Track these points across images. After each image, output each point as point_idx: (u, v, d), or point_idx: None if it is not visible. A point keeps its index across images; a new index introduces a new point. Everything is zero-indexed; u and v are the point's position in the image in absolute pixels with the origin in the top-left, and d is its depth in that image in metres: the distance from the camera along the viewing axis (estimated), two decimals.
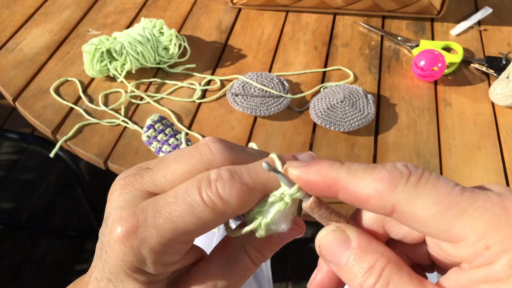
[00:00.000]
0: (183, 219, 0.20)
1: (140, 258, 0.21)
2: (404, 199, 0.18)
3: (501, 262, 0.17)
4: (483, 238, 0.17)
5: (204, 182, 0.21)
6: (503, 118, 0.67)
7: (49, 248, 1.36)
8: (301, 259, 1.35)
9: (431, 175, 0.19)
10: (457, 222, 0.18)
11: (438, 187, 0.18)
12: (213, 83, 0.71)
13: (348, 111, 0.63)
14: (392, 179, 0.18)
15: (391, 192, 0.18)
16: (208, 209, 0.20)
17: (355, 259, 0.19)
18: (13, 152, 1.59)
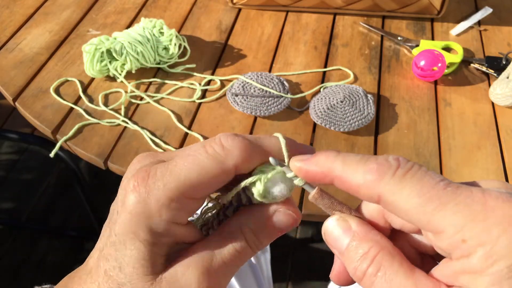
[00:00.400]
0: (186, 167, 0.22)
1: (147, 209, 0.22)
2: (389, 190, 0.20)
3: (477, 255, 0.18)
4: (460, 232, 0.18)
5: (210, 140, 0.23)
6: (503, 118, 0.67)
7: (49, 248, 1.36)
8: (301, 259, 1.35)
9: (420, 170, 0.20)
10: (436, 215, 0.19)
11: (423, 181, 0.19)
12: (213, 83, 0.71)
13: (348, 111, 0.63)
14: (380, 171, 0.20)
15: (377, 183, 0.20)
16: (210, 157, 0.22)
17: (353, 246, 0.21)
18: (13, 152, 1.59)
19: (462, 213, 0.18)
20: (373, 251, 0.21)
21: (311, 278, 1.31)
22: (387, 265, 0.20)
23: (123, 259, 0.22)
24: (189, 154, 0.23)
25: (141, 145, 0.62)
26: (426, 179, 0.19)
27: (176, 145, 0.62)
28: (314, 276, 1.31)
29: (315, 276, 1.31)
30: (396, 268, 0.20)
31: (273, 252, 0.86)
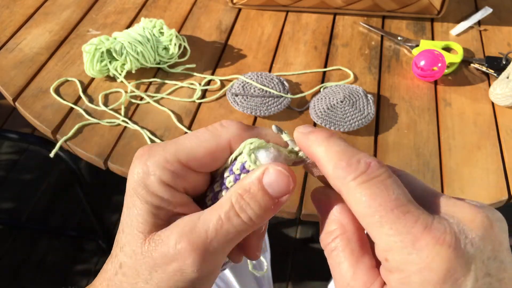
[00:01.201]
0: (185, 138, 0.24)
1: (146, 170, 0.24)
2: (346, 191, 0.21)
3: (394, 276, 0.20)
4: (387, 251, 0.20)
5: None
6: (503, 118, 0.67)
7: (49, 248, 1.36)
8: (301, 259, 1.35)
9: (383, 181, 0.21)
10: (373, 229, 0.20)
11: (378, 194, 0.20)
12: (213, 83, 0.71)
13: (348, 111, 0.63)
14: (345, 170, 0.21)
15: (340, 180, 0.21)
16: (208, 131, 0.25)
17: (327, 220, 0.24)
18: (13, 152, 1.59)
19: (394, 238, 0.20)
20: (336, 233, 0.23)
21: (311, 278, 1.31)
22: (341, 249, 0.23)
23: (125, 220, 0.24)
24: (193, 132, 0.25)
25: (141, 145, 0.62)
26: (382, 193, 0.20)
27: None
28: (314, 276, 1.31)
29: (315, 276, 1.31)
30: (347, 254, 0.22)
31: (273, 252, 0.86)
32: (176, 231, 0.23)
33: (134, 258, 0.23)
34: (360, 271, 0.22)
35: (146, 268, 0.23)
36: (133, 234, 0.24)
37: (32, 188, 1.49)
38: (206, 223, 0.23)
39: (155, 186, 0.23)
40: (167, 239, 0.23)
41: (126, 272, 0.24)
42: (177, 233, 0.23)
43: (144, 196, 0.23)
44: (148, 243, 0.23)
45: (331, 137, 0.23)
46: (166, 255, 0.23)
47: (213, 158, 0.24)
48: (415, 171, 0.60)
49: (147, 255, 0.23)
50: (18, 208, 1.45)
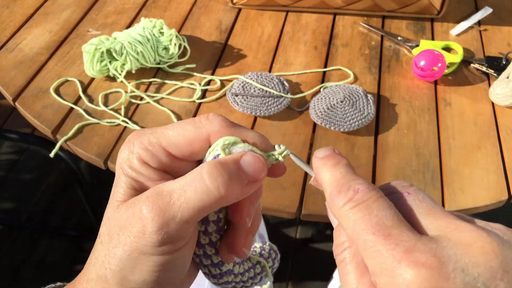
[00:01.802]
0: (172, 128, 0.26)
1: (131, 150, 0.26)
2: (338, 216, 0.23)
3: None
4: (374, 275, 0.21)
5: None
6: (503, 118, 0.67)
7: (49, 248, 1.36)
8: (301, 259, 1.35)
9: (368, 206, 0.21)
10: (362, 252, 0.21)
11: (363, 219, 0.21)
12: (213, 83, 0.71)
13: (348, 111, 0.63)
14: (337, 198, 0.23)
15: (333, 207, 0.23)
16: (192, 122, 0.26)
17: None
18: (13, 152, 1.59)
19: (377, 261, 0.20)
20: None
21: (311, 278, 1.31)
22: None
23: (112, 194, 0.26)
24: (182, 121, 0.26)
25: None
26: (365, 217, 0.21)
27: None
28: (314, 276, 1.31)
29: (315, 276, 1.31)
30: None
31: None
32: (145, 195, 0.24)
33: (108, 224, 0.25)
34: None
35: (116, 231, 0.24)
36: (112, 203, 0.25)
37: (32, 188, 1.49)
38: (172, 188, 0.23)
39: (135, 163, 0.25)
40: (136, 202, 0.24)
41: (103, 240, 0.25)
42: (145, 196, 0.24)
43: (126, 171, 0.26)
44: (119, 208, 0.25)
45: (337, 165, 0.24)
46: (132, 216, 0.23)
47: (192, 149, 0.26)
48: (415, 171, 0.60)
49: (117, 218, 0.24)
50: (18, 208, 1.45)
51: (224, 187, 0.23)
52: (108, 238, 0.24)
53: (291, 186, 0.57)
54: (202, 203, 0.23)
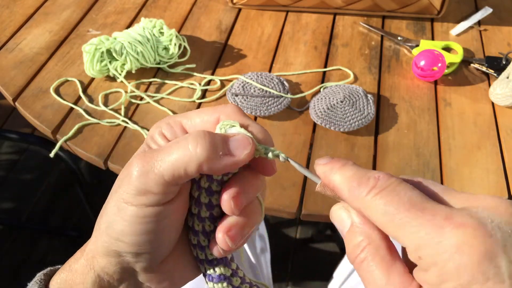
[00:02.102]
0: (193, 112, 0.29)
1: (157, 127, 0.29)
2: (364, 206, 0.23)
3: (431, 272, 0.20)
4: (418, 250, 0.21)
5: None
6: (503, 118, 0.67)
7: (49, 248, 1.36)
8: (301, 259, 1.35)
9: (394, 189, 0.22)
10: (398, 233, 0.21)
11: (391, 201, 0.22)
12: (213, 83, 0.71)
13: (348, 111, 0.63)
14: (358, 189, 0.23)
15: (356, 199, 0.23)
16: (213, 107, 0.28)
17: (348, 236, 0.25)
18: (13, 152, 1.59)
19: (420, 234, 0.20)
20: (363, 243, 0.24)
21: (311, 278, 1.31)
22: (370, 258, 0.23)
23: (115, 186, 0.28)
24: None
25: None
26: (395, 198, 0.22)
27: None
28: (314, 276, 1.31)
29: (315, 276, 1.31)
30: (377, 261, 0.23)
31: (273, 252, 0.86)
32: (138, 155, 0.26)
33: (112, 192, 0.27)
34: (394, 276, 0.22)
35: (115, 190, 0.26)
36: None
37: (32, 188, 1.49)
38: (161, 147, 0.26)
39: (155, 136, 0.28)
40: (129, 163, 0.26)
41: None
42: (135, 156, 0.26)
43: (147, 141, 0.29)
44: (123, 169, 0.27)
45: (345, 165, 0.25)
46: (125, 168, 0.26)
47: (204, 127, 0.27)
48: (415, 171, 0.60)
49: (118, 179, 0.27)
50: (18, 208, 1.45)
51: (202, 149, 0.24)
52: (109, 196, 0.27)
53: (291, 186, 0.57)
54: (179, 161, 0.24)
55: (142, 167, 0.25)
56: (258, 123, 0.28)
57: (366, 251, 0.23)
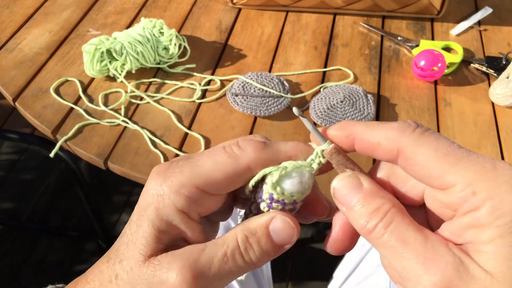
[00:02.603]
0: (204, 162, 0.24)
1: (161, 193, 0.23)
2: (408, 143, 0.22)
3: (485, 208, 0.19)
4: (471, 185, 0.19)
5: (230, 141, 0.25)
6: (503, 118, 0.67)
7: (49, 248, 1.36)
8: (301, 259, 1.35)
9: (436, 132, 0.22)
10: (450, 169, 0.20)
11: (440, 140, 0.21)
12: (213, 83, 0.71)
13: (348, 111, 0.63)
14: (401, 128, 0.22)
15: (398, 138, 0.22)
16: (226, 154, 0.24)
17: (363, 201, 0.22)
18: (13, 152, 1.59)
19: (475, 168, 0.20)
20: (386, 207, 0.22)
21: (311, 278, 1.31)
22: (399, 219, 0.21)
23: (130, 237, 0.24)
24: (209, 152, 0.24)
25: (141, 145, 0.62)
26: (442, 139, 0.21)
27: (176, 145, 0.62)
28: (314, 276, 1.31)
29: (315, 276, 1.31)
30: (407, 223, 0.21)
31: None
32: (179, 261, 0.23)
33: (131, 275, 0.24)
34: (431, 234, 0.21)
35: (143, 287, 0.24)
36: (134, 253, 0.24)
37: (32, 188, 1.49)
38: (210, 258, 0.23)
39: (167, 211, 0.24)
40: (167, 266, 0.23)
41: (120, 284, 0.24)
42: (180, 263, 0.23)
43: (153, 219, 0.24)
44: (147, 266, 0.24)
45: (364, 122, 0.24)
46: (164, 282, 0.23)
47: (231, 182, 0.24)
48: None
49: (144, 278, 0.23)
50: (18, 208, 1.45)
51: (258, 262, 0.24)
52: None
53: None
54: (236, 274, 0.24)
55: None
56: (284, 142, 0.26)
57: (391, 214, 0.21)
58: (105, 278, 0.25)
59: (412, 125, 0.22)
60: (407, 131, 0.22)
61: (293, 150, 0.25)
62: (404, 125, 0.22)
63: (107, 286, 0.25)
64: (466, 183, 0.20)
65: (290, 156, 0.25)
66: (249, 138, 0.25)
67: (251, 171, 0.24)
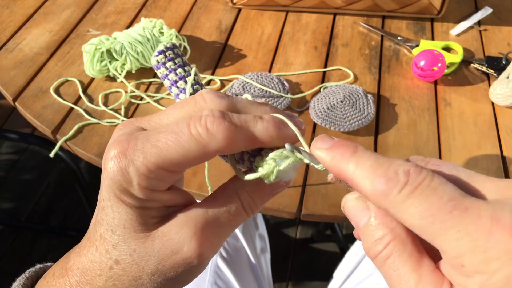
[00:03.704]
0: (168, 146, 0.22)
1: (127, 178, 0.22)
2: (394, 207, 0.20)
3: (474, 280, 0.18)
4: (460, 257, 0.18)
5: (195, 118, 0.22)
6: (503, 118, 0.67)
7: (49, 248, 1.36)
8: (301, 259, 1.35)
9: (429, 185, 0.19)
10: (438, 238, 0.19)
11: (429, 201, 0.19)
12: (213, 83, 0.71)
13: (348, 111, 0.63)
14: (387, 186, 0.20)
15: (384, 197, 0.20)
16: (193, 139, 0.22)
17: (371, 227, 0.22)
18: (13, 152, 1.59)
19: (464, 240, 0.18)
20: (387, 238, 0.21)
21: (311, 278, 1.31)
22: (397, 254, 0.21)
23: (113, 222, 0.24)
24: (172, 131, 0.22)
25: None
26: (433, 198, 0.19)
27: None
28: (314, 276, 1.31)
29: (315, 276, 1.31)
30: (405, 258, 0.20)
31: (273, 252, 0.86)
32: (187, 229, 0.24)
33: (136, 256, 0.24)
34: (426, 274, 0.20)
35: (153, 263, 0.24)
36: (130, 234, 0.24)
37: (32, 188, 1.49)
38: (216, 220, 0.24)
39: (141, 194, 0.23)
40: (176, 235, 0.24)
41: (126, 268, 0.24)
42: (189, 230, 0.23)
43: (130, 202, 0.23)
44: (152, 241, 0.24)
45: (357, 151, 0.21)
46: (178, 251, 0.23)
47: (198, 163, 0.24)
48: None
49: (152, 253, 0.24)
50: (18, 208, 1.45)
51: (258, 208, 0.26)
52: (139, 268, 0.24)
53: (291, 186, 0.57)
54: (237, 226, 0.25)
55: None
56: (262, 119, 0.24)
57: (390, 247, 0.21)
58: (104, 268, 0.24)
59: (401, 182, 0.20)
60: (393, 191, 0.20)
61: (267, 137, 0.24)
62: (391, 182, 0.20)
63: (109, 274, 0.24)
64: (455, 255, 0.19)
65: (263, 143, 0.24)
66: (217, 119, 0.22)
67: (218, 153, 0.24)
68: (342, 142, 0.22)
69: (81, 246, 0.26)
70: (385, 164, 0.20)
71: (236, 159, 0.26)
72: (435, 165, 0.22)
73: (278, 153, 0.24)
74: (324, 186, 0.57)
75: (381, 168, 0.20)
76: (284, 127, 0.25)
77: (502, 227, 0.18)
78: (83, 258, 0.25)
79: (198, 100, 0.24)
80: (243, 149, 0.24)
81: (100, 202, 0.25)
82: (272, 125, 0.24)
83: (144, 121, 0.25)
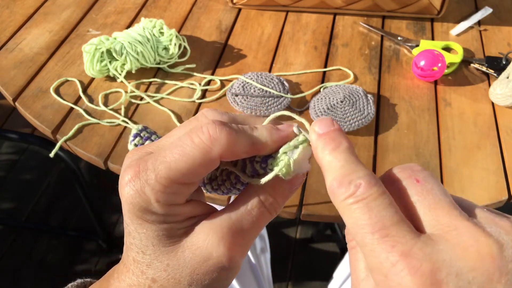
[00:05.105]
0: (175, 159, 0.23)
1: (145, 198, 0.23)
2: (338, 207, 0.22)
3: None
4: (371, 272, 0.21)
5: (196, 129, 0.24)
6: (503, 118, 0.67)
7: (49, 248, 1.36)
8: (301, 259, 1.35)
9: (369, 203, 0.21)
10: (361, 248, 0.21)
11: (361, 218, 0.21)
12: (213, 83, 0.71)
13: (348, 111, 0.63)
14: (337, 190, 0.22)
15: (333, 197, 0.22)
16: (197, 147, 0.23)
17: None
18: (13, 152, 1.59)
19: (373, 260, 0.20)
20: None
21: (311, 278, 1.31)
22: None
23: (141, 243, 0.25)
24: (176, 146, 0.24)
25: None
26: (364, 216, 0.21)
27: None
28: (314, 276, 1.31)
29: (315, 276, 1.31)
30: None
31: (273, 252, 0.86)
32: (214, 234, 0.24)
33: (171, 270, 0.25)
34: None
35: (188, 274, 0.25)
36: (159, 251, 0.25)
37: (32, 188, 1.49)
38: (241, 225, 0.25)
39: (161, 211, 0.24)
40: (204, 243, 0.25)
41: (164, 284, 0.25)
42: (216, 236, 0.24)
43: (152, 219, 0.24)
44: (182, 252, 0.25)
45: (337, 149, 0.23)
46: (208, 257, 0.24)
47: (207, 170, 0.25)
48: None
49: (185, 264, 0.25)
50: (18, 208, 1.45)
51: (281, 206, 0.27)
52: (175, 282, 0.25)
53: None
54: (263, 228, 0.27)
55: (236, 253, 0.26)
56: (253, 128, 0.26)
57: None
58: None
59: (349, 190, 0.22)
60: (340, 196, 0.22)
61: (264, 136, 0.25)
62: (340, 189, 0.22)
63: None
64: (368, 266, 0.21)
65: (263, 146, 0.25)
66: (218, 125, 0.24)
67: (222, 159, 0.25)
68: (333, 134, 0.24)
69: (119, 272, 0.27)
70: (348, 171, 0.22)
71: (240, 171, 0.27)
72: (416, 178, 0.23)
73: (286, 146, 0.25)
74: (324, 186, 0.57)
75: (342, 173, 0.22)
76: (281, 129, 0.26)
77: (405, 265, 0.19)
78: (122, 283, 0.26)
79: (200, 118, 0.26)
80: (244, 155, 0.25)
81: (125, 228, 0.26)
82: (270, 127, 0.26)
83: (151, 146, 0.26)
